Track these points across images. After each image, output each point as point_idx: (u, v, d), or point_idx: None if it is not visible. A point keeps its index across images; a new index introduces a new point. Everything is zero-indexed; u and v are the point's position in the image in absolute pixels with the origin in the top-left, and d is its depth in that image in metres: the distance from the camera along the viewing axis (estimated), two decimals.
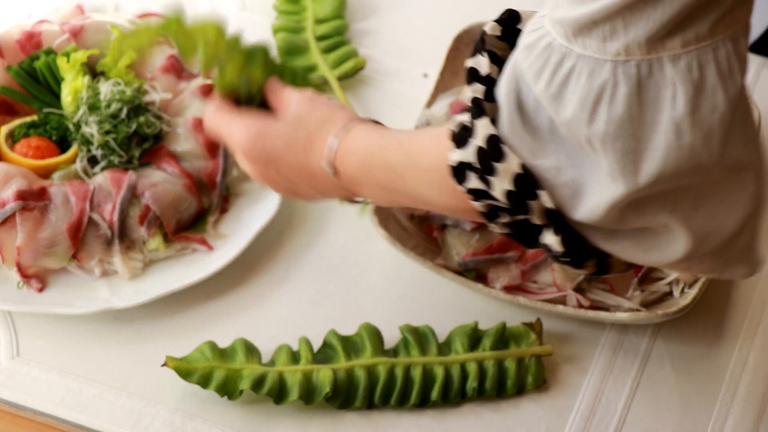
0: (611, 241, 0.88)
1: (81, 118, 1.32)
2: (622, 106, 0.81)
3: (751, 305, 1.31)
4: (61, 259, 1.27)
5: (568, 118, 0.83)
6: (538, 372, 1.23)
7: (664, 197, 0.84)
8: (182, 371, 1.19)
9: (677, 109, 0.80)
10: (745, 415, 1.24)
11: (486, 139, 0.88)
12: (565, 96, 0.82)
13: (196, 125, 1.33)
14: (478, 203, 0.92)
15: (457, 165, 0.91)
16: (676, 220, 0.84)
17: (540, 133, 0.86)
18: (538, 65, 0.84)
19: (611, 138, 0.81)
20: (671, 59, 0.80)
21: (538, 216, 0.88)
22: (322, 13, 1.51)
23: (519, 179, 0.87)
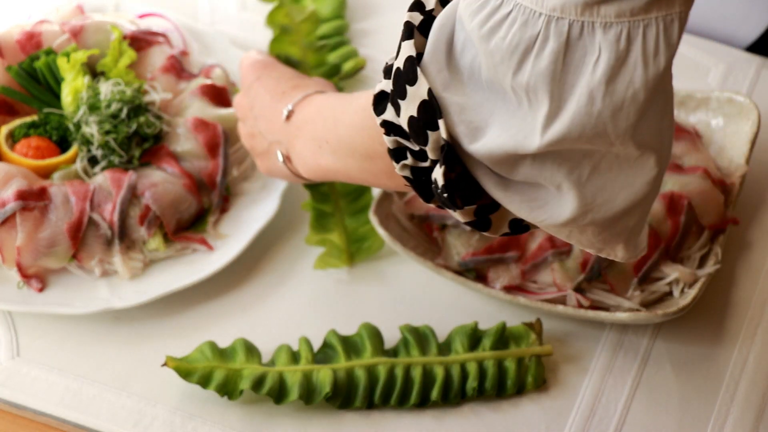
0: (502, 190, 0.88)
1: (81, 118, 1.32)
2: (547, 61, 0.82)
3: (751, 305, 1.31)
4: (61, 259, 1.27)
5: (494, 63, 0.84)
6: (538, 372, 1.23)
7: (564, 156, 0.84)
8: (182, 371, 1.19)
9: (595, 76, 0.81)
10: (745, 415, 1.24)
11: (405, 59, 0.89)
12: (495, 40, 0.83)
13: (196, 125, 1.33)
14: (388, 138, 0.92)
15: (378, 93, 0.92)
16: (570, 183, 0.85)
17: (459, 74, 0.87)
18: (476, 5, 0.85)
19: (529, 89, 0.82)
20: (602, 26, 0.80)
21: (433, 149, 0.88)
22: (322, 12, 1.51)
23: (423, 106, 0.87)
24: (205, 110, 1.34)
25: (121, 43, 1.38)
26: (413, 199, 1.31)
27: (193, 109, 1.35)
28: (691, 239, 1.30)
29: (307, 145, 1.11)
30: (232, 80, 1.41)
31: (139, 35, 1.40)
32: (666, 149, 0.86)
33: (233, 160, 1.35)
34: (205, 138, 1.32)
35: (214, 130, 1.33)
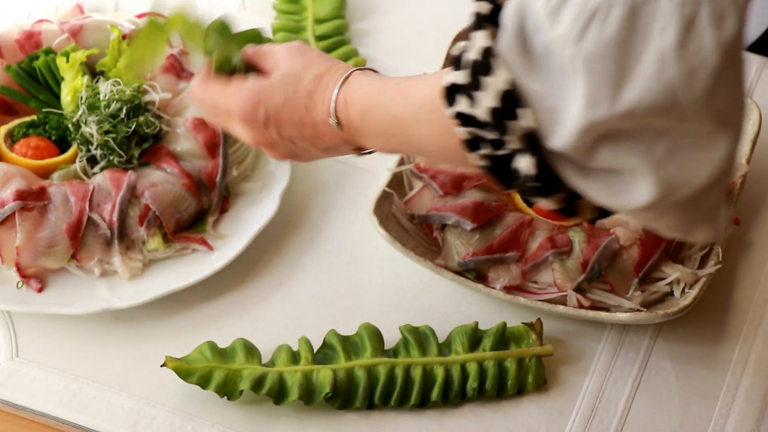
0: (582, 178, 0.88)
1: (80, 118, 1.32)
2: (613, 27, 0.81)
3: (752, 305, 1.31)
4: (60, 259, 1.27)
5: (558, 34, 0.83)
6: (539, 372, 1.23)
7: (639, 136, 0.84)
8: (182, 371, 1.19)
9: (665, 41, 0.80)
10: (746, 415, 1.23)
11: (481, 51, 0.88)
12: (562, 12, 0.83)
13: (195, 125, 1.32)
14: (462, 129, 0.91)
15: (448, 86, 0.91)
16: (646, 167, 0.84)
17: (533, 57, 0.86)
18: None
19: (596, 58, 0.82)
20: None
21: (515, 139, 0.88)
22: (322, 12, 1.51)
23: (504, 96, 0.87)
24: None
25: (121, 42, 1.37)
26: (413, 199, 1.31)
27: (192, 108, 1.35)
28: None
29: (372, 138, 1.06)
30: None
31: None
32: (739, 121, 0.85)
33: (233, 160, 1.35)
34: (204, 138, 1.32)
35: (213, 130, 1.33)
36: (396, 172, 1.34)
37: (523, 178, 0.90)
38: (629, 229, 1.27)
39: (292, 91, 1.08)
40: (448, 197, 1.29)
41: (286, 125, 1.08)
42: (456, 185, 1.30)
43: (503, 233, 1.27)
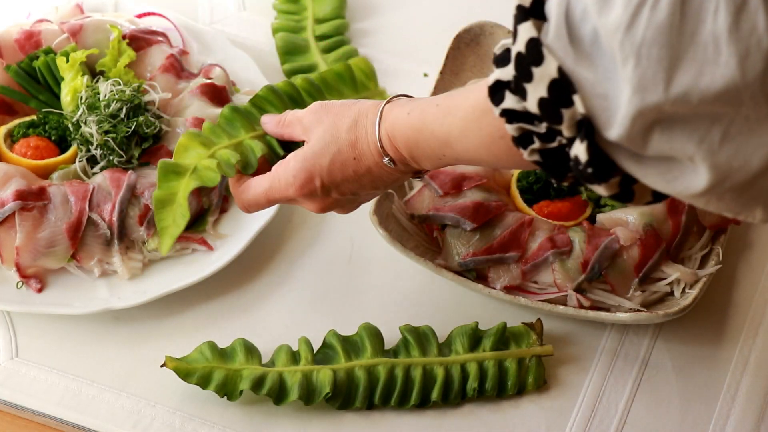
0: (637, 164, 0.88)
1: (80, 118, 1.32)
2: (664, 11, 0.81)
3: (752, 305, 1.31)
4: (60, 260, 1.27)
5: (609, 22, 0.83)
6: (539, 372, 1.23)
7: (693, 122, 0.83)
8: (182, 372, 1.19)
9: (718, 24, 0.80)
10: (746, 415, 1.23)
11: (526, 42, 0.88)
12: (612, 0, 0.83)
13: (195, 125, 1.32)
14: (511, 126, 0.92)
15: (494, 84, 0.92)
16: (702, 153, 0.84)
17: (582, 44, 0.86)
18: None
19: (648, 43, 0.81)
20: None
21: (568, 127, 0.88)
22: (322, 12, 1.51)
23: (554, 85, 0.87)
24: (205, 110, 1.34)
25: (121, 42, 1.37)
26: (413, 199, 1.31)
27: (192, 108, 1.34)
28: (692, 239, 1.30)
29: (429, 161, 1.09)
30: (231, 80, 1.41)
31: (139, 34, 1.39)
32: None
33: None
34: None
35: None
36: None
37: (577, 165, 0.90)
38: (629, 229, 1.27)
39: (335, 151, 1.11)
40: (448, 197, 1.29)
41: (344, 183, 1.12)
42: (456, 185, 1.29)
43: (503, 233, 1.27)
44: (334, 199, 1.14)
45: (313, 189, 1.12)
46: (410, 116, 1.07)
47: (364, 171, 1.11)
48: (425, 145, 1.06)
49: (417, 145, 1.07)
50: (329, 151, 1.11)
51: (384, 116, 1.09)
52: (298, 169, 1.12)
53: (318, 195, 1.13)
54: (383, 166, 1.10)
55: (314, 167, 1.11)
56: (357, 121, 1.10)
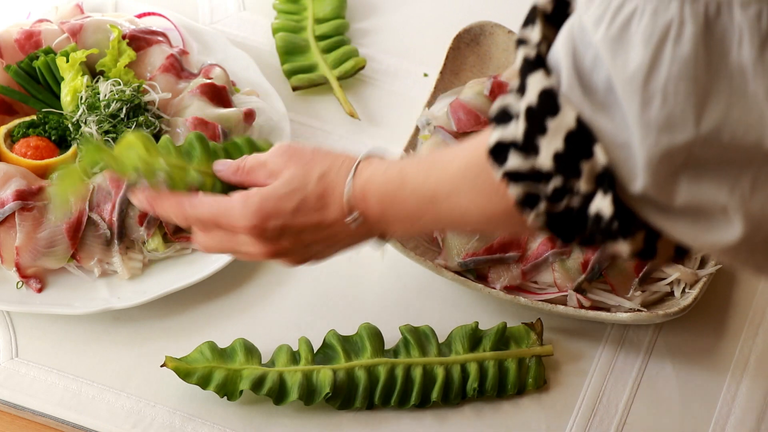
0: (664, 217, 0.83)
1: (80, 118, 1.32)
2: (688, 45, 0.78)
3: (752, 305, 1.31)
4: (60, 260, 1.27)
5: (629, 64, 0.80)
6: (539, 372, 1.23)
7: (722, 168, 0.80)
8: (182, 372, 1.19)
9: (742, 56, 0.78)
10: (746, 415, 1.23)
11: (539, 93, 0.83)
12: (627, 38, 0.79)
13: (195, 125, 1.32)
14: (515, 187, 0.87)
15: (495, 145, 0.87)
16: (734, 202, 0.80)
17: (597, 93, 0.82)
18: (598, 12, 0.81)
19: (675, 79, 0.78)
20: (741, 4, 0.77)
21: (587, 180, 0.83)
22: (322, 12, 1.51)
23: (572, 136, 0.82)
24: (205, 110, 1.34)
25: (121, 42, 1.37)
26: None
27: (192, 108, 1.34)
28: None
29: (401, 224, 1.02)
30: (231, 80, 1.41)
31: (139, 34, 1.39)
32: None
33: None
34: None
35: (213, 130, 1.32)
36: None
37: (598, 222, 0.85)
38: None
39: (301, 198, 1.03)
40: None
41: (303, 233, 1.04)
42: None
43: None
44: (284, 247, 1.05)
45: (267, 230, 1.04)
46: (388, 172, 1.00)
47: (327, 225, 1.04)
48: (403, 204, 0.99)
49: (393, 202, 1.00)
50: (295, 198, 1.03)
51: (359, 170, 1.02)
52: (259, 205, 1.04)
53: (270, 238, 1.05)
54: (346, 225, 1.03)
55: (276, 209, 1.03)
56: (329, 172, 1.03)
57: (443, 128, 1.34)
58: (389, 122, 1.43)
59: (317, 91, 1.46)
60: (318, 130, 1.42)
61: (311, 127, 1.43)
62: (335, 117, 1.44)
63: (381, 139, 1.41)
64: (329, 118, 1.43)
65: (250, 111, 1.36)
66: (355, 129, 1.43)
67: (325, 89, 1.46)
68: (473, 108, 1.35)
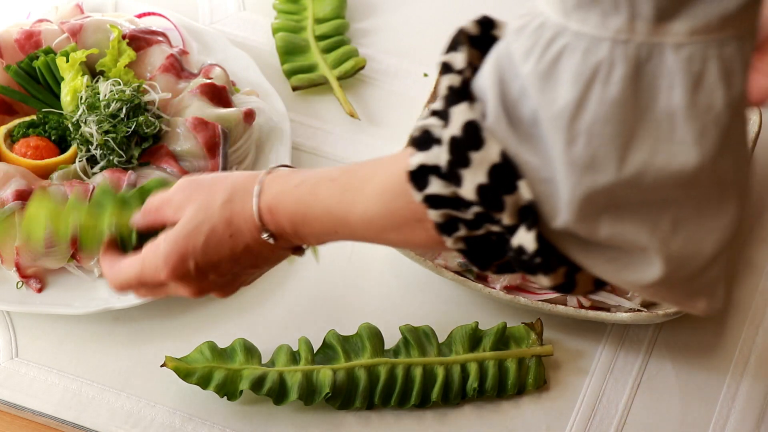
0: (586, 253, 0.82)
1: (80, 118, 1.32)
2: (617, 87, 0.76)
3: (753, 305, 1.31)
4: (60, 260, 1.27)
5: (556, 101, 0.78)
6: (539, 372, 1.23)
7: (644, 209, 0.79)
8: (182, 372, 1.19)
9: (673, 100, 0.76)
10: (746, 415, 1.23)
11: (463, 125, 0.82)
12: (555, 75, 0.78)
13: (195, 125, 1.32)
14: (435, 212, 0.85)
15: (417, 169, 0.85)
16: (654, 242, 0.80)
17: (522, 126, 0.80)
18: (528, 44, 0.79)
19: (601, 120, 0.77)
20: (674, 47, 0.76)
21: (510, 214, 0.82)
22: (322, 12, 1.51)
23: (496, 170, 0.81)
24: (205, 110, 1.34)
25: (121, 42, 1.37)
26: None
27: (192, 108, 1.34)
28: None
29: (317, 239, 0.99)
30: (231, 80, 1.41)
31: (139, 34, 1.39)
32: (745, 184, 0.81)
33: (233, 160, 1.35)
34: (204, 138, 1.32)
35: (213, 130, 1.32)
36: None
37: (520, 255, 0.83)
38: None
39: (209, 230, 0.99)
40: None
41: (222, 264, 1.00)
42: None
43: None
44: (211, 282, 1.02)
45: (187, 272, 1.00)
46: (299, 189, 0.96)
47: (242, 250, 0.99)
48: (315, 221, 0.96)
49: (304, 221, 0.96)
50: (203, 231, 0.99)
51: (265, 188, 0.97)
52: (170, 251, 0.99)
53: (192, 278, 1.00)
54: (263, 242, 0.99)
55: (187, 249, 0.99)
56: (232, 196, 0.99)
57: None
58: (389, 122, 1.43)
59: (317, 91, 1.46)
60: (318, 130, 1.42)
61: (311, 127, 1.43)
62: (335, 117, 1.44)
63: (381, 139, 1.41)
64: (329, 118, 1.44)
65: (250, 111, 1.36)
66: (355, 129, 1.43)
67: (325, 89, 1.46)
68: None
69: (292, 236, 0.98)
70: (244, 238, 0.99)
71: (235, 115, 1.35)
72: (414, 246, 0.95)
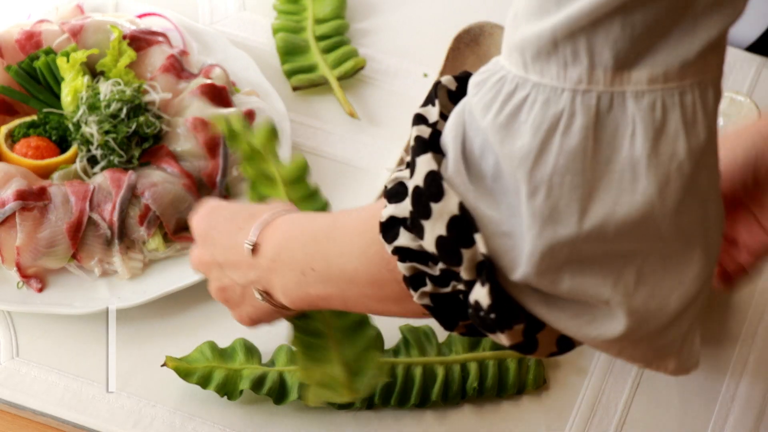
0: (546, 307, 0.81)
1: (81, 118, 1.32)
2: (577, 137, 0.75)
3: (752, 305, 1.31)
4: (60, 259, 1.27)
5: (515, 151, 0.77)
6: (539, 372, 1.23)
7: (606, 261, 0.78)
8: (182, 371, 1.19)
9: (635, 149, 0.75)
10: (745, 415, 1.23)
11: (425, 176, 0.82)
12: (515, 126, 0.77)
13: (195, 125, 1.32)
14: (403, 265, 0.85)
15: (387, 220, 0.85)
16: (617, 296, 0.78)
17: (483, 180, 0.80)
18: (488, 98, 0.79)
19: (561, 171, 0.76)
20: (634, 95, 0.75)
21: (468, 268, 0.81)
22: (322, 13, 1.51)
23: (454, 222, 0.80)
24: (205, 110, 1.34)
25: (121, 42, 1.37)
26: None
27: (192, 108, 1.35)
28: None
29: (287, 276, 0.98)
30: (231, 80, 1.41)
31: (139, 35, 1.40)
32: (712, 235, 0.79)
33: (233, 160, 1.35)
34: (204, 138, 1.32)
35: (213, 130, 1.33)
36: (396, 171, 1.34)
37: (478, 312, 0.82)
38: None
39: (238, 210, 1.05)
40: None
41: (218, 244, 1.04)
42: None
43: None
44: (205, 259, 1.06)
45: (198, 231, 1.07)
46: (302, 216, 1.00)
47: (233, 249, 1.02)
48: (298, 246, 0.97)
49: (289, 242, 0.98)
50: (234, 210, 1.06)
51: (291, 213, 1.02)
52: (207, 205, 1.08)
53: (198, 240, 1.07)
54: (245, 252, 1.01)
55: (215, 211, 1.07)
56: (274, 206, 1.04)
57: None
58: (389, 122, 1.44)
59: (317, 91, 1.46)
60: (318, 130, 1.43)
61: (311, 127, 1.43)
62: (335, 117, 1.44)
63: (381, 138, 1.41)
64: (329, 118, 1.44)
65: (250, 111, 1.36)
66: (355, 129, 1.43)
67: (325, 89, 1.46)
68: None
69: (271, 261, 0.99)
70: (242, 237, 1.02)
71: (235, 115, 1.35)
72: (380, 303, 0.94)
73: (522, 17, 0.78)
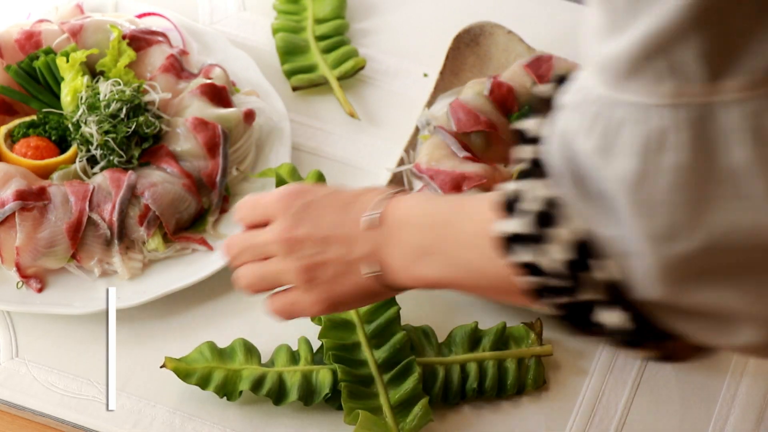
0: (682, 320, 0.81)
1: (80, 118, 1.32)
2: (678, 152, 0.75)
3: None
4: (60, 260, 1.27)
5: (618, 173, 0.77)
6: (538, 372, 1.23)
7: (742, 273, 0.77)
8: (181, 372, 1.19)
9: (738, 157, 0.75)
10: (745, 415, 1.23)
11: (544, 201, 0.83)
12: (616, 149, 0.77)
13: (195, 125, 1.32)
14: (524, 279, 0.86)
15: (503, 236, 0.86)
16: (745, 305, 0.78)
17: (597, 201, 0.80)
18: (586, 123, 0.79)
19: (667, 189, 0.76)
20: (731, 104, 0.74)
21: (593, 291, 0.82)
22: (322, 13, 1.51)
23: (578, 247, 0.81)
24: (205, 110, 1.34)
25: (121, 42, 1.37)
26: None
27: (192, 108, 1.34)
28: None
29: (404, 251, 0.99)
30: (231, 80, 1.41)
31: (139, 35, 1.39)
32: None
33: (233, 160, 1.35)
34: (204, 138, 1.32)
35: (213, 130, 1.33)
36: (396, 172, 1.34)
37: (609, 329, 0.83)
38: None
39: (335, 190, 1.06)
40: None
41: (323, 219, 1.04)
42: (456, 185, 1.29)
43: None
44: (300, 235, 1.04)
45: (290, 206, 1.05)
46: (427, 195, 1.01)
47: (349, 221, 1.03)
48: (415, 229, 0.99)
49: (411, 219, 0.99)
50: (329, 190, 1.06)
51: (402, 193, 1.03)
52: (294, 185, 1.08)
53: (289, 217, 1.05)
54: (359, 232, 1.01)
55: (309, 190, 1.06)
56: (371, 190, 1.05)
57: (443, 128, 1.34)
58: (389, 122, 1.44)
59: (317, 91, 1.46)
60: (318, 130, 1.43)
61: (311, 127, 1.43)
62: (335, 117, 1.44)
63: (381, 138, 1.41)
64: (329, 118, 1.44)
65: (250, 111, 1.36)
66: (355, 129, 1.43)
67: (325, 89, 1.46)
68: (473, 108, 1.35)
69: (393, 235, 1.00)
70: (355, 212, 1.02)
71: (235, 115, 1.35)
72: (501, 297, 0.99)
73: (597, 34, 0.78)
